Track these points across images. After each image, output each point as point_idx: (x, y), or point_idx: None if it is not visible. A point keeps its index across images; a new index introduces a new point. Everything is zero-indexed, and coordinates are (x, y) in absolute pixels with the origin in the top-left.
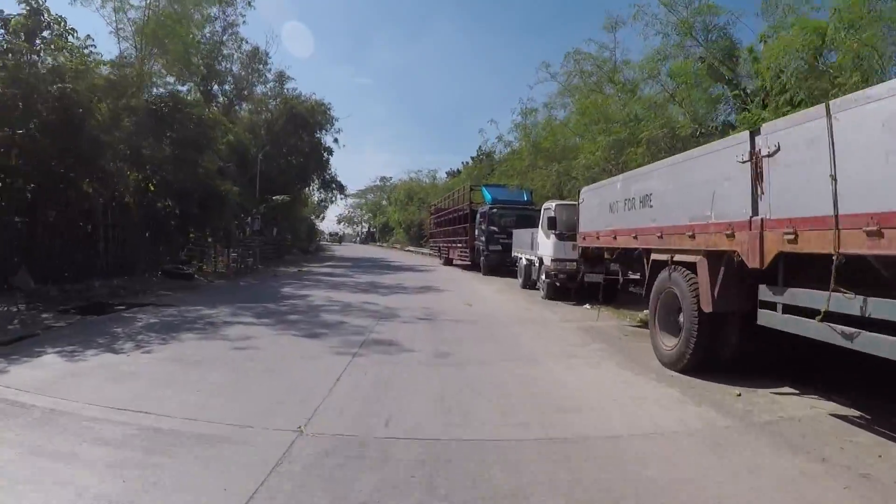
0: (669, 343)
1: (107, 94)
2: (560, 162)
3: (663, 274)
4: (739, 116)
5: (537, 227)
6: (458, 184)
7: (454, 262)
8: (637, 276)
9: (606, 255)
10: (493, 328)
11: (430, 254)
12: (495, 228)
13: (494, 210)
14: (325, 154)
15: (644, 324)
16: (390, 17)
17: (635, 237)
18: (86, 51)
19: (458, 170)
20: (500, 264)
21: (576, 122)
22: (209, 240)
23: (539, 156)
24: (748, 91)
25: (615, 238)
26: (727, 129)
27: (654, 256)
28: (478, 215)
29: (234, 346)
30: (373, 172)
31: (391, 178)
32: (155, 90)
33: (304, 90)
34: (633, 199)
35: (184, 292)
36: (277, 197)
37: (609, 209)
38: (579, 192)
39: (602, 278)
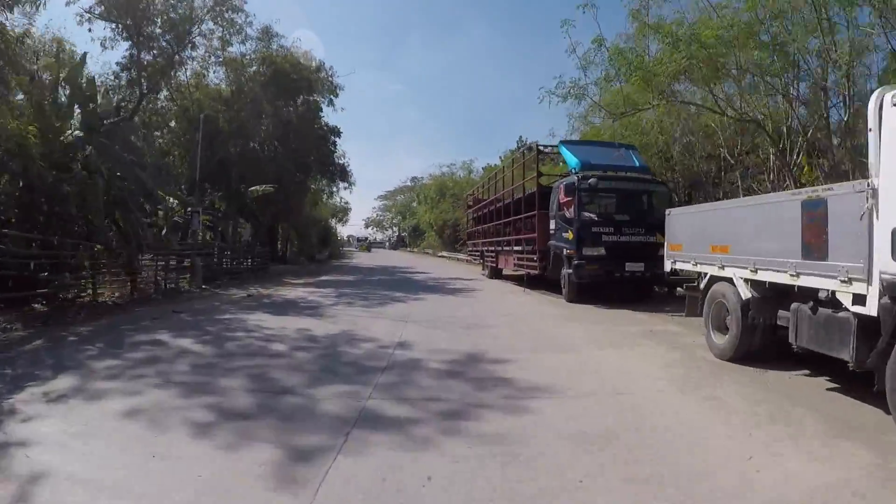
0: None
1: None
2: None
3: None
4: None
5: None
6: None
7: (504, 272)
8: None
9: None
10: None
11: (467, 260)
12: (593, 216)
13: (592, 181)
14: (326, 132)
15: None
16: (421, 22)
17: None
18: None
19: (494, 165)
20: (603, 282)
21: None
22: (96, 246)
23: (703, 55)
24: None
25: None
26: None
27: None
28: (555, 194)
29: None
30: (405, 176)
31: (422, 178)
32: None
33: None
34: None
35: None
36: (257, 188)
37: None
38: None
39: None
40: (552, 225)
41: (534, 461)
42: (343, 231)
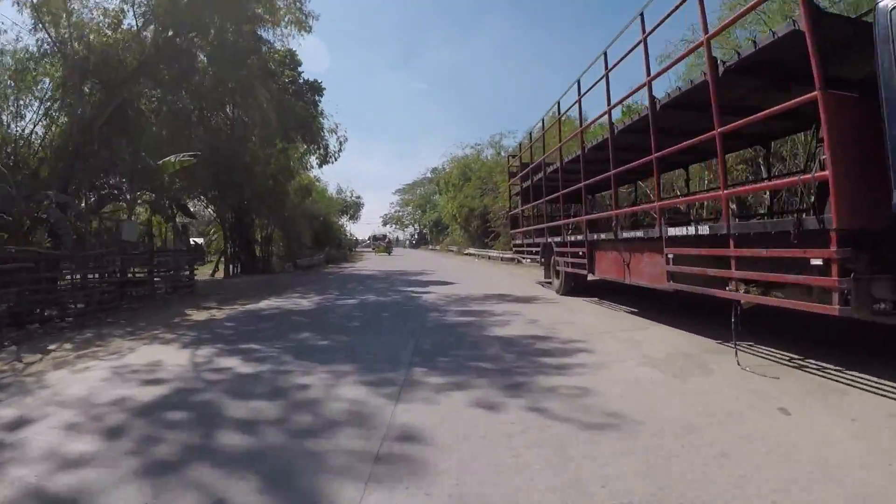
0: None
1: None
2: None
3: None
4: None
5: None
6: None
7: (596, 276)
8: None
9: None
10: None
11: (507, 258)
12: None
13: None
14: (304, 89)
15: None
16: (442, 20)
17: None
18: None
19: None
20: None
21: None
22: None
23: None
24: None
25: None
26: None
27: None
28: None
29: None
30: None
31: (443, 168)
32: None
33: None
34: None
35: None
36: (171, 158)
37: None
38: None
39: None
40: None
41: None
42: (356, 230)
